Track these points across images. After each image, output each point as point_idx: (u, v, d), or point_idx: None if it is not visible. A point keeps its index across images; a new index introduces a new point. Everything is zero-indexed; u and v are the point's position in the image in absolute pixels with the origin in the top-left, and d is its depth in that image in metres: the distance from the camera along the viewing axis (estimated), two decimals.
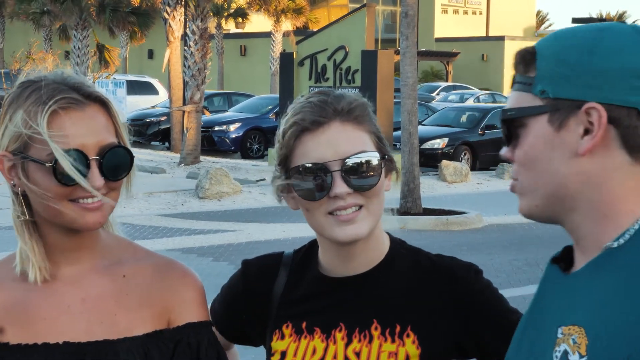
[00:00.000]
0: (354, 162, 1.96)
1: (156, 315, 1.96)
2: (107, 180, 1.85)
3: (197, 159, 22.58)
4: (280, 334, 2.07)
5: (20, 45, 37.44)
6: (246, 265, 2.18)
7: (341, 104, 1.99)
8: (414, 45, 15.38)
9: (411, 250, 2.10)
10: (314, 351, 2.03)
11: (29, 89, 1.87)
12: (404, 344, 2.00)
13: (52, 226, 1.89)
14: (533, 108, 1.50)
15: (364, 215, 1.97)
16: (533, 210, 1.53)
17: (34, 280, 1.89)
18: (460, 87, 47.48)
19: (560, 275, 1.56)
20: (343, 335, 2.02)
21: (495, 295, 2.06)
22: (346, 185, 1.95)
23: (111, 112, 1.89)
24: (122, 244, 2.02)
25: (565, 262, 1.59)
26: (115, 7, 32.41)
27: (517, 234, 14.25)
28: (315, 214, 1.98)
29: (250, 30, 53.89)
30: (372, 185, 1.97)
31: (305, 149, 1.98)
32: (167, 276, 2.00)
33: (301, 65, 21.27)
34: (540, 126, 1.49)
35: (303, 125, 1.97)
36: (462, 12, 67.75)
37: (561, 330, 1.47)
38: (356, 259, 2.03)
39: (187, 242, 12.86)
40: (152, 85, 36.51)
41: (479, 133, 24.03)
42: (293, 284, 2.10)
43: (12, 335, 1.89)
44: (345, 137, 1.97)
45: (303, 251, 2.15)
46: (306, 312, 2.06)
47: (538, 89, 1.49)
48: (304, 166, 1.97)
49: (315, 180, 1.96)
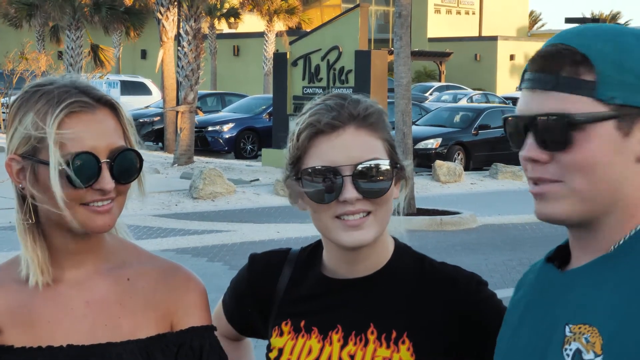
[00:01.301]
0: (366, 168, 1.96)
1: (160, 318, 1.96)
2: (118, 183, 1.86)
3: (190, 159, 22.57)
4: (279, 330, 2.08)
5: (13, 45, 37.38)
6: (252, 260, 2.20)
7: (357, 109, 2.00)
8: (407, 45, 15.39)
9: (415, 257, 2.10)
10: (309, 351, 2.04)
11: (39, 92, 1.87)
12: (398, 350, 1.99)
13: (58, 230, 1.89)
14: (605, 114, 1.49)
15: (371, 222, 1.97)
16: (574, 214, 1.52)
17: (35, 285, 1.90)
18: (453, 87, 47.49)
19: (557, 273, 1.57)
20: (339, 337, 2.03)
21: (498, 308, 2.02)
22: (356, 191, 1.95)
23: (120, 115, 1.90)
24: (126, 247, 2.02)
25: (560, 260, 1.60)
26: (110, 6, 32.38)
27: (510, 234, 14.26)
28: (322, 217, 1.99)
29: (243, 30, 53.86)
30: (382, 193, 1.97)
31: (318, 151, 1.98)
32: (171, 280, 2.00)
33: (294, 65, 21.27)
34: (607, 132, 1.49)
35: (318, 128, 1.98)
36: (455, 12, 67.78)
37: (569, 328, 1.48)
38: (359, 263, 2.04)
39: (181, 243, 12.85)
40: (146, 86, 36.48)
41: (473, 133, 24.04)
42: (296, 282, 2.11)
43: (16, 338, 1.89)
44: (359, 142, 1.97)
45: (309, 250, 2.16)
46: (306, 311, 2.07)
47: (607, 94, 1.49)
48: (314, 168, 1.97)
49: (325, 183, 1.96)
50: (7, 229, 12.55)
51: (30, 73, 28.28)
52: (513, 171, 21.32)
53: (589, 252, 1.53)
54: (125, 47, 47.80)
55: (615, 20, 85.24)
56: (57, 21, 32.95)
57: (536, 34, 78.93)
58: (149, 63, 51.82)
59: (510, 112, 1.62)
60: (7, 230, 12.47)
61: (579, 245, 1.56)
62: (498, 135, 24.32)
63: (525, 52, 62.50)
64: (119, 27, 33.98)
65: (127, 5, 34.37)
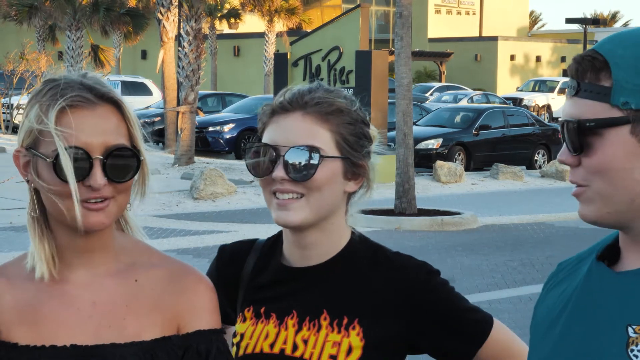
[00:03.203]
0: (295, 152, 2.06)
1: (166, 320, 1.96)
2: (112, 181, 1.85)
3: (191, 160, 22.56)
4: (242, 316, 2.18)
5: (14, 46, 37.37)
6: (221, 250, 2.30)
7: (311, 96, 2.11)
8: (408, 45, 15.38)
9: (370, 246, 2.18)
10: (266, 335, 2.13)
11: (48, 86, 1.88)
12: (348, 335, 2.08)
13: (62, 226, 1.89)
14: (616, 119, 1.51)
15: (301, 205, 2.08)
16: (604, 216, 1.55)
17: (41, 277, 1.90)
18: (453, 88, 47.51)
19: (609, 272, 1.58)
20: (294, 323, 2.12)
21: (449, 295, 2.13)
22: (284, 171, 2.06)
23: (124, 113, 1.89)
24: (138, 248, 2.01)
25: (609, 259, 1.61)
26: (109, 7, 32.36)
27: (512, 234, 14.26)
28: (264, 191, 2.12)
29: (243, 30, 53.87)
30: (306, 177, 2.06)
31: (269, 129, 2.12)
32: (180, 282, 1.99)
33: (295, 65, 21.26)
34: (621, 137, 1.51)
35: (273, 107, 2.13)
36: (455, 13, 67.79)
37: (633, 329, 1.49)
38: (310, 249, 2.13)
39: (182, 243, 12.86)
40: (146, 86, 36.48)
41: (473, 133, 24.04)
42: (259, 270, 2.21)
43: (21, 335, 1.89)
44: (300, 127, 2.09)
45: (273, 239, 2.25)
46: (266, 298, 2.17)
47: (620, 100, 1.51)
48: (253, 142, 2.13)
49: (261, 158, 2.10)
50: (7, 229, 12.51)
51: (30, 73, 28.26)
52: (514, 171, 21.32)
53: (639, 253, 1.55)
54: (125, 47, 47.81)
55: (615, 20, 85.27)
56: (57, 21, 32.95)
57: (536, 34, 78.93)
58: (149, 63, 51.84)
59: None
60: (7, 230, 12.43)
61: (629, 246, 1.57)
62: (499, 136, 24.32)
63: (526, 52, 62.52)
64: (120, 28, 33.97)
65: (129, 7, 34.36)
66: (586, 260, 1.66)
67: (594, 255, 1.63)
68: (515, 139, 24.55)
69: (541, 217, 16.01)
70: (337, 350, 2.07)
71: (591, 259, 1.64)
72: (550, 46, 64.66)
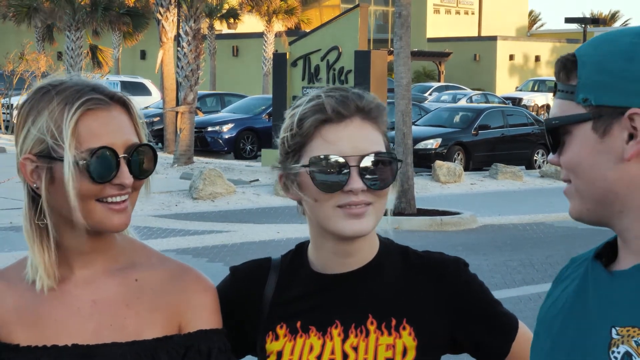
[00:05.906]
0: (371, 160, 2.00)
1: (167, 320, 1.96)
2: (135, 178, 1.88)
3: (190, 160, 22.57)
4: (274, 335, 2.08)
5: (13, 46, 37.37)
6: (235, 271, 2.19)
7: (363, 101, 2.03)
8: (407, 45, 15.39)
9: (400, 248, 2.16)
10: (311, 348, 2.05)
11: (51, 92, 1.88)
12: (400, 336, 2.03)
13: (70, 230, 1.90)
14: (576, 116, 1.53)
15: (370, 213, 2.02)
16: (584, 213, 1.57)
17: (41, 289, 1.90)
18: (452, 87, 47.50)
19: (603, 273, 1.57)
20: (339, 332, 2.05)
21: (482, 288, 2.12)
22: (362, 182, 1.98)
23: (132, 112, 1.92)
24: (136, 248, 2.02)
25: (607, 257, 1.61)
26: (107, 7, 32.36)
27: (511, 234, 14.26)
28: (324, 206, 2.01)
29: (242, 30, 53.86)
30: (385, 185, 2.01)
31: (324, 140, 2.00)
32: (180, 281, 2.00)
33: (294, 65, 21.26)
34: (585, 133, 1.53)
35: (326, 116, 2.00)
36: (454, 12, 67.80)
37: (616, 331, 1.48)
38: (352, 256, 2.07)
39: (181, 243, 12.85)
40: (145, 86, 36.47)
41: (473, 133, 24.04)
42: (284, 286, 2.12)
43: (23, 336, 1.90)
44: (364, 134, 2.01)
45: (291, 254, 2.17)
46: (300, 312, 2.08)
47: (580, 97, 1.53)
48: (327, 157, 1.99)
49: (333, 172, 1.98)
50: (7, 229, 12.51)
51: (30, 74, 28.27)
52: (513, 171, 21.32)
53: (631, 253, 1.54)
54: (124, 47, 47.78)
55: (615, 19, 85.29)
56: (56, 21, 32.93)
57: (535, 34, 78.93)
58: (148, 63, 51.83)
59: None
60: (7, 230, 12.43)
61: (621, 245, 1.57)
62: (498, 136, 24.33)
63: (525, 52, 62.52)
64: (119, 28, 33.97)
65: (128, 7, 34.36)
66: None
67: (592, 253, 1.64)
68: (515, 138, 24.56)
69: (541, 217, 16.01)
70: (393, 353, 2.02)
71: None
72: (550, 46, 64.67)
